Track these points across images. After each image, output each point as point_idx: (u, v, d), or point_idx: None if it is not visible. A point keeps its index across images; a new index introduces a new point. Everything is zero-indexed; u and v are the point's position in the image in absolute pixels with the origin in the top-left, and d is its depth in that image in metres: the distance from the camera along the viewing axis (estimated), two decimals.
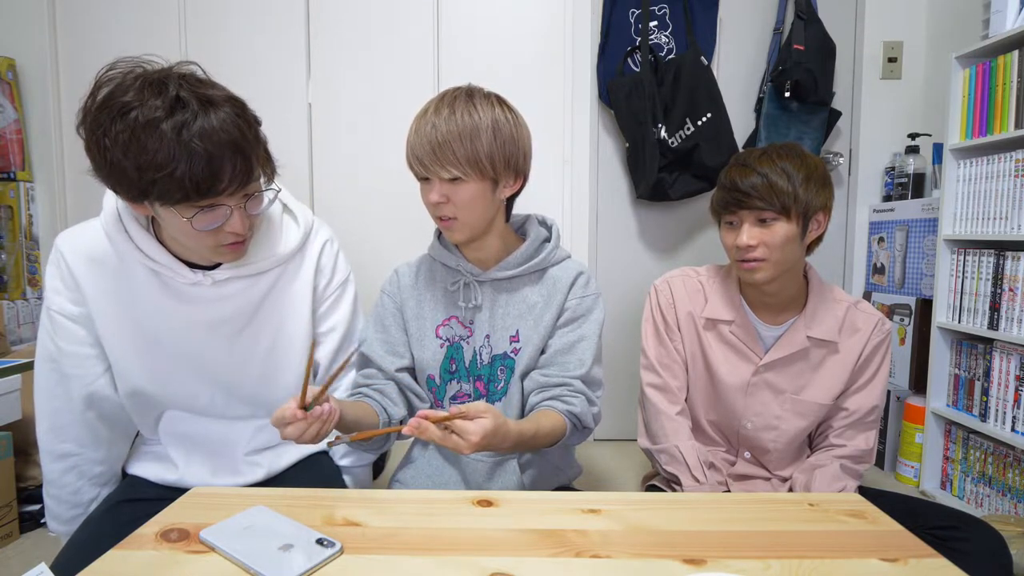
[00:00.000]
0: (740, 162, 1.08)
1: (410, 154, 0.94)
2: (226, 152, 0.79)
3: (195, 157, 0.76)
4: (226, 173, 0.79)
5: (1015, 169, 1.58)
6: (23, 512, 1.57)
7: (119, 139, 0.76)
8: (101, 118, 0.77)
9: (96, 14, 2.02)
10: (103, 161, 0.79)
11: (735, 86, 2.15)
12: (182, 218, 0.82)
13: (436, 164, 0.91)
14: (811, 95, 1.99)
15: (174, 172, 0.76)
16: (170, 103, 0.77)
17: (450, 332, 1.03)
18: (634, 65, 2.11)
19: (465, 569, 0.60)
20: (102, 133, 0.77)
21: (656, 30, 2.12)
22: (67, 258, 0.94)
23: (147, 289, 0.94)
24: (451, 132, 0.90)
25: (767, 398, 1.14)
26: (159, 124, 0.75)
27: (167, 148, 0.75)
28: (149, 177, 0.77)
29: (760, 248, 1.04)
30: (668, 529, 0.70)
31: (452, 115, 0.91)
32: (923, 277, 1.98)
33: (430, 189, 0.94)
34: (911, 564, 0.62)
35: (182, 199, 0.79)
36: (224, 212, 0.84)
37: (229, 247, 0.89)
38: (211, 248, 0.88)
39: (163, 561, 0.61)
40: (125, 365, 0.98)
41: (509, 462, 1.01)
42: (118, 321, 0.95)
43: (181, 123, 0.76)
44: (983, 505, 1.71)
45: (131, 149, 0.76)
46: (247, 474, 1.04)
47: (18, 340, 1.98)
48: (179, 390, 1.00)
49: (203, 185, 0.78)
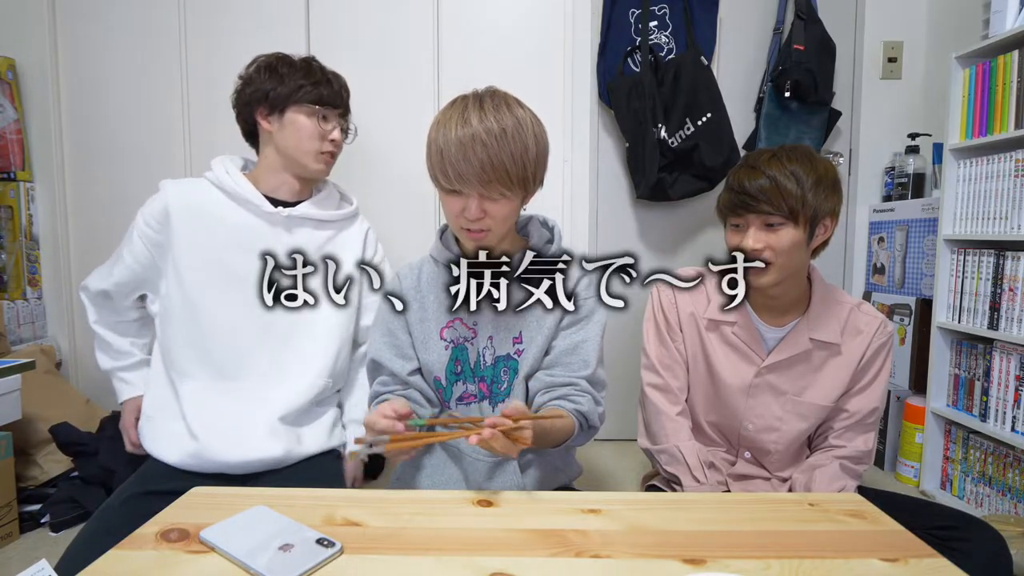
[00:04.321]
0: (749, 163, 1.07)
1: (444, 169, 0.88)
2: (342, 92, 1.28)
3: (328, 84, 1.25)
4: (340, 99, 1.27)
5: (1015, 169, 1.58)
6: (23, 512, 1.57)
7: (279, 69, 1.22)
8: (264, 63, 1.24)
9: (96, 14, 2.02)
10: (262, 86, 1.21)
11: (735, 86, 2.15)
12: (312, 117, 1.22)
13: (481, 184, 0.88)
14: (811, 95, 1.99)
15: (317, 83, 1.23)
16: (310, 57, 1.28)
17: (454, 334, 1.02)
18: (634, 65, 2.11)
19: (465, 569, 0.60)
20: (267, 71, 1.22)
21: (656, 30, 2.12)
22: (169, 197, 1.21)
23: (229, 223, 1.20)
24: (504, 153, 0.87)
25: (768, 399, 1.14)
26: (304, 63, 1.25)
27: (314, 71, 1.24)
28: (301, 85, 1.21)
29: (766, 252, 1.03)
30: (668, 529, 0.70)
31: (504, 136, 0.87)
32: (923, 277, 1.98)
33: (463, 203, 0.91)
34: (911, 564, 0.62)
35: (315, 100, 1.22)
36: (333, 122, 1.26)
37: (326, 156, 1.26)
38: (315, 152, 1.24)
39: (163, 561, 0.61)
40: (190, 278, 1.19)
41: (509, 462, 1.01)
42: (196, 246, 1.19)
43: (318, 66, 1.27)
44: (983, 505, 1.71)
45: (291, 72, 1.22)
46: (265, 449, 1.13)
47: (18, 340, 1.98)
48: (227, 313, 1.18)
49: (328, 98, 1.24)
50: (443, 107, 0.93)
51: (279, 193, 1.26)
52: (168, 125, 2.03)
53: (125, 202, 1.17)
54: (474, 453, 1.00)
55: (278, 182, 1.26)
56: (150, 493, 1.05)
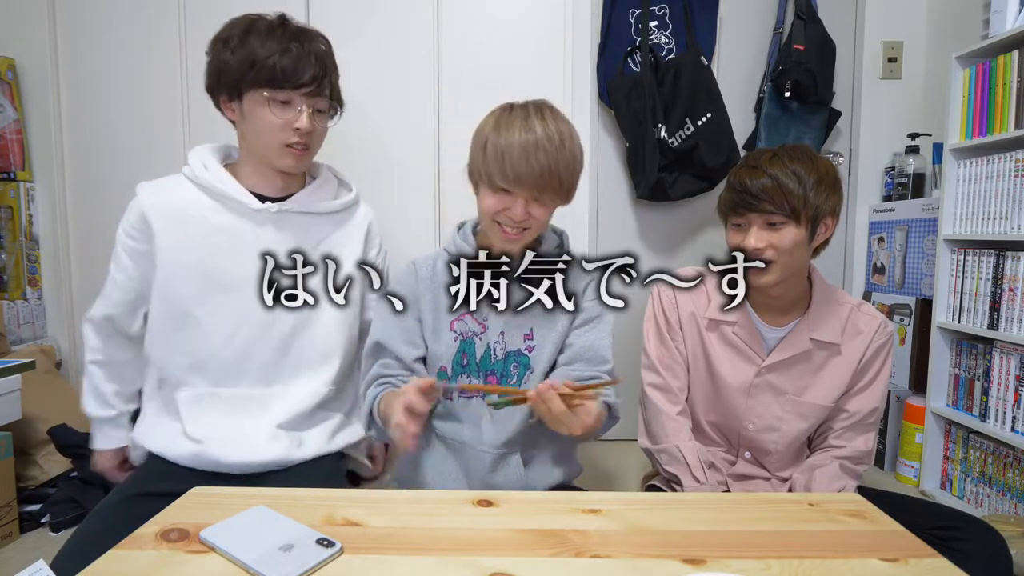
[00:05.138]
0: (750, 163, 1.07)
1: (503, 169, 0.92)
2: (310, 58, 1.03)
3: (287, 54, 1.01)
4: (306, 72, 1.02)
5: (1015, 169, 1.58)
6: (23, 512, 1.57)
7: (231, 42, 1.02)
8: (222, 33, 1.05)
9: (96, 14, 2.02)
10: (217, 65, 1.04)
11: (735, 86, 2.15)
12: (266, 106, 1.02)
13: (536, 188, 0.93)
14: (811, 95, 1.99)
15: (271, 56, 1.00)
16: (276, 19, 1.05)
17: (464, 327, 1.05)
18: (634, 65, 2.11)
19: (465, 569, 0.60)
20: (222, 44, 1.03)
21: (656, 30, 2.12)
22: (144, 203, 1.10)
23: (213, 224, 1.09)
24: (561, 161, 0.93)
25: (769, 399, 1.14)
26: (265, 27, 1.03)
27: (273, 38, 1.01)
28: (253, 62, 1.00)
29: (768, 251, 1.04)
30: (668, 529, 0.70)
31: (562, 146, 0.93)
32: (923, 277, 1.98)
33: (509, 203, 0.95)
34: (911, 564, 0.62)
35: (268, 81, 1.00)
36: (297, 108, 1.04)
37: (294, 150, 1.07)
38: (279, 146, 1.05)
39: (163, 561, 0.61)
40: (176, 286, 1.09)
41: (512, 455, 1.02)
42: (180, 251, 1.09)
43: (281, 30, 1.03)
44: (983, 505, 1.71)
45: (241, 47, 1.01)
46: (265, 453, 1.07)
47: (18, 340, 1.98)
48: (221, 319, 1.09)
49: (285, 74, 1.00)
50: (495, 111, 0.98)
51: (265, 188, 1.12)
52: (168, 125, 2.03)
53: (125, 202, 1.16)
54: (478, 445, 1.01)
55: (260, 176, 1.12)
56: (147, 494, 1.03)
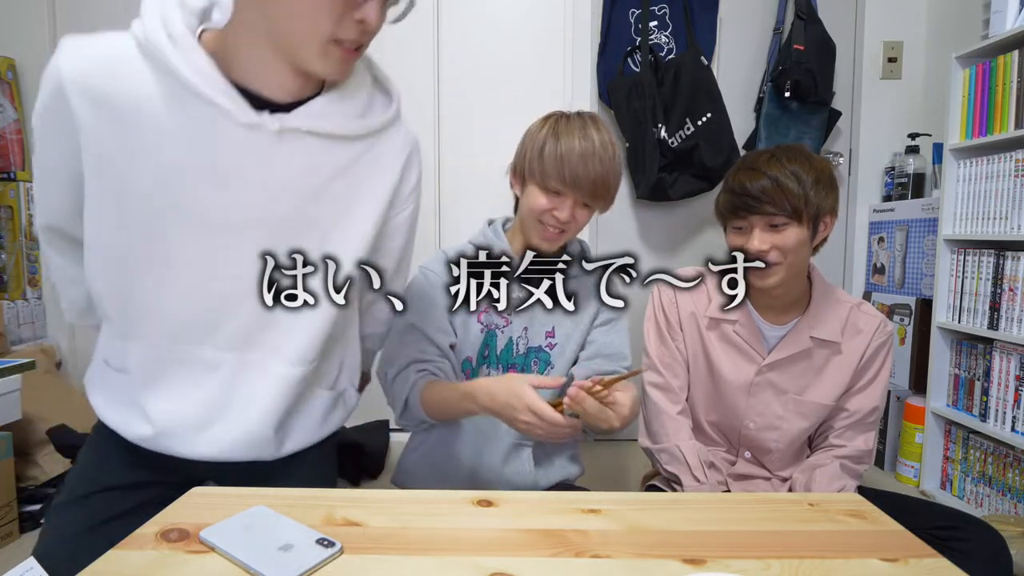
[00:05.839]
0: (748, 165, 1.07)
1: (561, 172, 0.97)
2: None
3: None
4: None
5: (1015, 169, 1.58)
6: (23, 512, 1.57)
7: None
8: None
9: (96, 14, 2.02)
10: None
11: (735, 86, 2.15)
12: None
13: (589, 193, 0.98)
14: (811, 95, 1.99)
15: None
16: None
17: (489, 319, 1.08)
18: (634, 65, 2.11)
19: (465, 569, 0.60)
20: None
21: (656, 30, 2.12)
22: (65, 77, 0.73)
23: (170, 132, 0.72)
24: (611, 170, 0.99)
25: (769, 398, 1.14)
26: None
27: None
28: None
29: (772, 253, 1.04)
30: (668, 529, 0.70)
31: (614, 157, 1.00)
32: (923, 277, 1.98)
33: (557, 204, 0.99)
34: (911, 564, 0.62)
35: None
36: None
37: (345, 49, 0.72)
38: (324, 40, 0.70)
39: (163, 561, 0.61)
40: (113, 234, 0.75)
41: (525, 449, 1.05)
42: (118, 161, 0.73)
43: None
44: (983, 505, 1.71)
45: None
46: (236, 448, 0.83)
47: (18, 340, 1.98)
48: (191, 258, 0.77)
49: None
50: (549, 118, 1.03)
51: (268, 86, 0.74)
52: None
53: None
54: (495, 432, 1.04)
55: (264, 68, 0.73)
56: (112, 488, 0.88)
